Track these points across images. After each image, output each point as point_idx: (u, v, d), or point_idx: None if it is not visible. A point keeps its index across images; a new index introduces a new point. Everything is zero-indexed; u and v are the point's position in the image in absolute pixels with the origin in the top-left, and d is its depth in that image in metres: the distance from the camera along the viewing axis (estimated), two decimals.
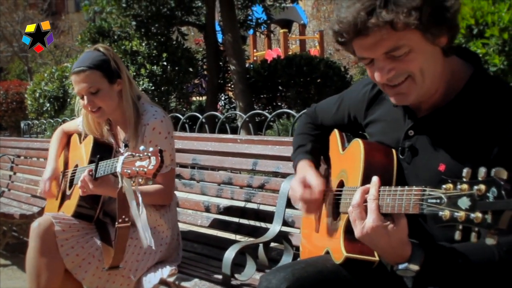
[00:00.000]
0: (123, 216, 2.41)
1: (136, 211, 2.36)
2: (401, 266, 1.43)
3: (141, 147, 2.30)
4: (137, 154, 2.27)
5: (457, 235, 1.18)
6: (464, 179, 1.17)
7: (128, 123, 2.74)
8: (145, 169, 2.23)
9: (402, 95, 1.56)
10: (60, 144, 3.11)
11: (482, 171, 1.15)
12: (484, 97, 1.54)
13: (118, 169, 2.32)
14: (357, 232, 1.49)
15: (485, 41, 4.00)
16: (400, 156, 1.68)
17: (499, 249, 1.42)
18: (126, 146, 2.75)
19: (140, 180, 2.28)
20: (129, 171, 2.28)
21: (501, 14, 3.93)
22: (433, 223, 1.27)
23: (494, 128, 1.48)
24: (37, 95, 12.29)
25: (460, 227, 1.17)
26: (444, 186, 1.21)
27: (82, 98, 2.74)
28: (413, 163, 1.65)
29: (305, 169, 1.96)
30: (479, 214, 1.13)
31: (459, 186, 1.18)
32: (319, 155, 2.05)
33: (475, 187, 1.14)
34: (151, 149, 2.26)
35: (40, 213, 3.79)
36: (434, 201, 1.24)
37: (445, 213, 1.19)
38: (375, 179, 1.50)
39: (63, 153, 3.09)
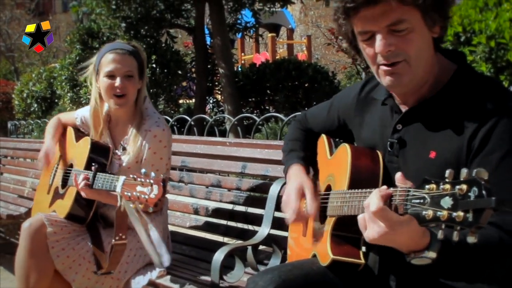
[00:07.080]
0: (120, 234, 2.42)
1: (144, 234, 2.35)
2: (420, 254, 1.37)
3: (143, 170, 2.25)
4: (138, 179, 2.23)
5: (440, 234, 1.21)
6: (447, 180, 1.20)
7: (131, 124, 2.73)
8: (146, 196, 2.19)
9: (397, 76, 1.59)
10: (56, 131, 3.02)
11: (464, 171, 1.18)
12: (469, 88, 1.59)
13: (118, 190, 2.31)
14: (376, 233, 1.38)
15: (472, 49, 4.06)
16: (389, 149, 1.71)
17: (505, 228, 1.43)
18: (124, 149, 2.75)
19: (140, 205, 2.24)
20: (129, 194, 2.25)
21: (488, 22, 4.00)
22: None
23: (477, 118, 1.53)
24: (25, 95, 12.26)
25: (443, 226, 1.19)
26: (427, 186, 1.24)
27: (110, 78, 2.68)
28: (402, 155, 1.69)
29: (300, 176, 1.94)
30: (461, 213, 1.15)
31: (441, 186, 1.21)
32: (309, 162, 2.07)
33: (457, 186, 1.17)
34: (153, 174, 2.21)
35: (28, 213, 3.76)
36: (417, 201, 1.26)
37: (429, 213, 1.22)
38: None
39: (59, 144, 3.01)
